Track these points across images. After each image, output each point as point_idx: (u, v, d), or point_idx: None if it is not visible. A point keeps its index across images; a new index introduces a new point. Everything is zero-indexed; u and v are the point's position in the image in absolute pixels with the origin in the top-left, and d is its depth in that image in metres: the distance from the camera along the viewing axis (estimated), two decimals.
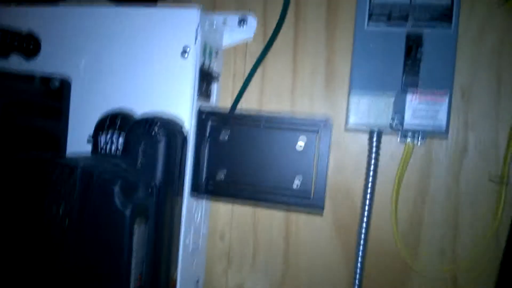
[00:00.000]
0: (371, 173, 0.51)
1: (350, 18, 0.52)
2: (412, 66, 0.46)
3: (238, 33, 0.56)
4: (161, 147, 0.42)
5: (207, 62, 0.50)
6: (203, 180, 0.49)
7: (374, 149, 0.51)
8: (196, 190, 0.49)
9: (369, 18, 0.48)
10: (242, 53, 0.57)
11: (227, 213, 0.59)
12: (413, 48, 0.46)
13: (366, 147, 0.51)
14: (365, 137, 0.52)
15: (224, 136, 0.48)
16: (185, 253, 0.50)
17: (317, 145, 0.47)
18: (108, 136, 0.46)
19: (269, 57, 0.56)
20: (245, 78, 0.52)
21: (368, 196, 0.52)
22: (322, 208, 0.46)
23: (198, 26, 0.47)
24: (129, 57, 0.49)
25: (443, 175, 0.53)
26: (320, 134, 0.46)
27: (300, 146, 0.47)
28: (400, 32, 0.47)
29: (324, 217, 0.55)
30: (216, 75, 0.53)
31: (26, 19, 0.52)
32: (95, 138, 0.47)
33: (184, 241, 0.49)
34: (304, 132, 0.47)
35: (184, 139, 0.46)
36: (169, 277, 0.46)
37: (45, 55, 0.51)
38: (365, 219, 0.52)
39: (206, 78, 0.50)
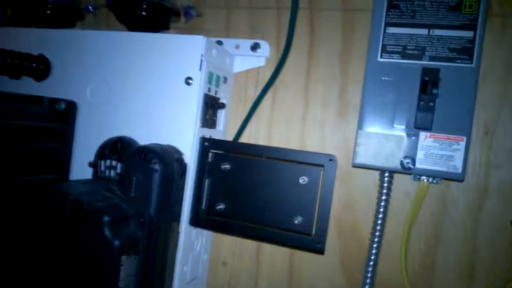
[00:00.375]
0: (381, 211, 0.48)
1: (366, 47, 0.50)
2: (427, 103, 0.43)
3: (250, 59, 0.55)
4: (156, 177, 0.41)
5: (213, 89, 0.49)
6: (202, 212, 0.47)
7: (385, 188, 0.48)
8: (195, 222, 0.48)
9: (383, 49, 0.45)
10: (253, 79, 0.56)
11: (231, 239, 0.57)
12: (429, 83, 0.43)
13: (378, 182, 0.49)
14: (377, 172, 0.49)
15: (226, 166, 0.47)
16: (181, 281, 0.49)
17: (321, 182, 0.44)
18: (108, 162, 0.46)
19: (280, 85, 0.55)
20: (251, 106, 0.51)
21: (376, 234, 0.49)
22: (322, 250, 0.44)
23: (202, 53, 0.46)
24: (134, 83, 0.49)
25: (460, 216, 0.49)
26: (325, 171, 0.44)
27: (303, 181, 0.45)
28: (415, 65, 0.44)
29: (330, 253, 0.53)
30: (223, 102, 0.51)
31: (38, 42, 0.52)
32: (96, 163, 0.47)
33: (181, 269, 0.48)
34: (308, 167, 0.45)
35: (184, 169, 0.45)
36: None
37: (55, 79, 0.52)
38: (372, 257, 0.49)
39: (211, 105, 0.48)
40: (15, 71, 0.49)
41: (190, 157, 0.46)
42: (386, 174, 0.47)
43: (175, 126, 0.47)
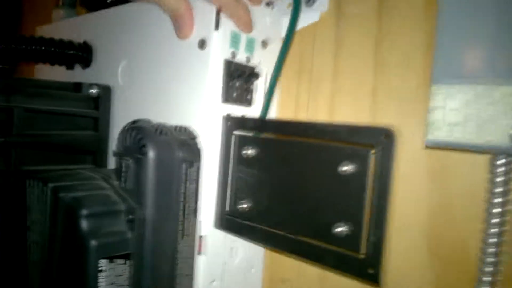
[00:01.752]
0: (494, 222, 0.30)
1: None
2: None
3: (304, 15, 0.42)
4: (147, 164, 0.33)
5: (242, 55, 0.38)
6: (224, 211, 0.37)
7: (499, 185, 0.29)
8: (219, 224, 0.37)
9: None
10: (309, 41, 0.43)
11: None
12: None
13: (488, 176, 0.30)
14: (485, 158, 0.31)
15: (250, 151, 0.35)
16: None
17: (373, 170, 0.29)
18: None
19: (343, 46, 0.40)
20: (273, 71, 0.37)
21: (489, 262, 0.30)
22: (377, 279, 0.28)
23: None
24: (151, 58, 0.42)
25: None
26: (377, 154, 0.29)
27: (346, 170, 0.30)
28: None
29: (418, 279, 0.35)
30: (258, 72, 0.40)
31: (84, 28, 0.51)
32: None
33: (208, 284, 0.38)
34: (353, 149, 0.30)
35: (195, 155, 0.36)
36: None
37: (98, 64, 0.49)
38: None
39: (239, 75, 0.38)
40: (68, 60, 0.48)
41: (209, 140, 0.37)
42: (500, 161, 0.29)
43: (191, 102, 0.38)
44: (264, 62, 0.41)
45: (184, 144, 0.35)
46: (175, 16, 0.37)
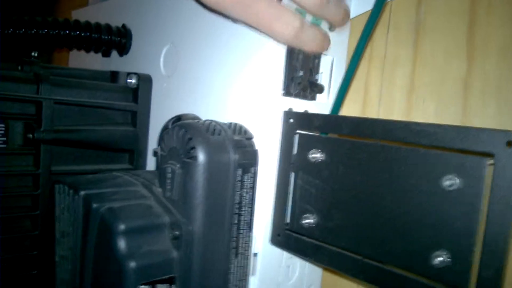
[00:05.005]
0: None
1: None
2: None
3: None
4: (199, 168, 0.27)
5: None
6: (283, 225, 0.31)
7: None
8: (276, 240, 0.32)
9: None
10: (383, 19, 0.36)
11: None
12: None
13: None
14: None
15: (318, 156, 0.29)
16: None
17: (489, 186, 0.22)
18: None
19: (426, 27, 0.33)
20: (354, 55, 0.31)
21: None
22: None
23: None
24: (200, 43, 0.36)
25: None
26: (497, 165, 0.22)
27: (451, 185, 0.23)
28: None
29: None
30: (327, 60, 0.34)
31: (124, 11, 0.45)
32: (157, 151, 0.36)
33: None
34: (461, 158, 0.23)
35: (251, 159, 0.30)
36: None
37: (137, 51, 0.44)
38: None
39: (304, 63, 0.32)
40: (95, 45, 0.43)
41: (266, 141, 0.31)
42: None
43: (245, 95, 0.32)
44: (332, 47, 0.34)
45: (240, 146, 0.29)
46: None
